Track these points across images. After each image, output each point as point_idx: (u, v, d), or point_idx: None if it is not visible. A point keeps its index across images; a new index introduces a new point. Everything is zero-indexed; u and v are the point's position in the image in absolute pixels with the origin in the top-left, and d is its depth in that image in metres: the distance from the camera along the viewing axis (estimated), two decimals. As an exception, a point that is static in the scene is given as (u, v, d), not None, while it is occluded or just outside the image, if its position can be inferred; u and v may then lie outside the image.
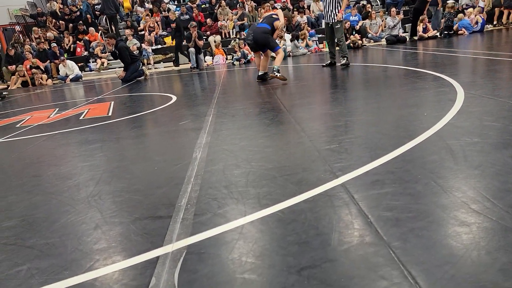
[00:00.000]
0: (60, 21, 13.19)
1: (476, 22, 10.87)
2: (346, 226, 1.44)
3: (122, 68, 8.91)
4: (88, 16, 12.93)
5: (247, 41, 5.93)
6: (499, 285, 1.04)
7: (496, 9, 11.83)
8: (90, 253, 1.47)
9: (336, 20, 6.46)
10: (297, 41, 10.93)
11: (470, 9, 11.25)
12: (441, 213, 1.44)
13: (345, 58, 6.48)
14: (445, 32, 10.74)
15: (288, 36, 11.02)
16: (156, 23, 12.60)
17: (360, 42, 10.73)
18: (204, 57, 10.63)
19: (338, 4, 6.38)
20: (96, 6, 13.46)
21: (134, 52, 9.87)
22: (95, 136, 3.52)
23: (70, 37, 12.43)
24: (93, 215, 1.79)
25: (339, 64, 6.54)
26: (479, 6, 11.69)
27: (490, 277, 1.08)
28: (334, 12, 6.41)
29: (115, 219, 1.72)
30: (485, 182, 1.65)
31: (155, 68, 11.60)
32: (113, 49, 8.69)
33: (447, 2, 10.97)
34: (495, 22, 11.74)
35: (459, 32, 10.80)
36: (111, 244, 1.52)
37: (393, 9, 11.60)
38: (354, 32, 11.35)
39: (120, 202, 1.91)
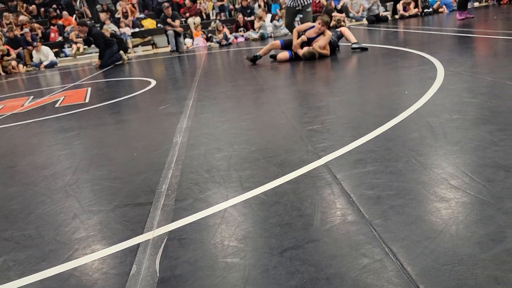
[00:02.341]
0: (32, 6, 12.62)
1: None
2: (328, 206, 1.44)
3: (97, 56, 8.54)
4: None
5: None
6: (476, 257, 1.06)
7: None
8: (69, 243, 1.43)
9: (308, 3, 5.85)
10: (277, 21, 10.78)
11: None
12: (421, 190, 1.45)
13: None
14: (425, 10, 10.77)
15: (268, 17, 10.85)
16: (132, 6, 12.21)
17: (343, 22, 10.64)
18: (184, 40, 10.39)
19: None
20: None
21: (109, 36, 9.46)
22: (71, 123, 3.41)
23: (36, 25, 11.89)
24: (71, 204, 1.74)
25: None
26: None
27: (468, 250, 1.09)
28: None
29: (93, 208, 1.68)
30: (464, 158, 1.67)
31: (134, 51, 11.29)
32: (87, 36, 8.31)
33: None
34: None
35: (440, 10, 10.84)
36: (90, 233, 1.48)
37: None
38: (335, 11, 11.25)
39: (98, 190, 1.86)
